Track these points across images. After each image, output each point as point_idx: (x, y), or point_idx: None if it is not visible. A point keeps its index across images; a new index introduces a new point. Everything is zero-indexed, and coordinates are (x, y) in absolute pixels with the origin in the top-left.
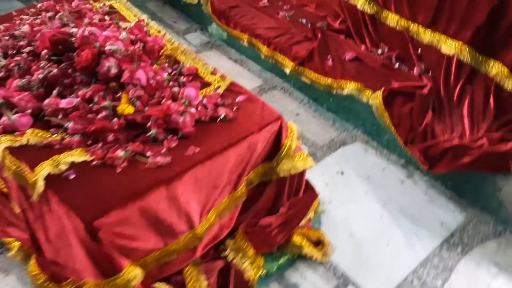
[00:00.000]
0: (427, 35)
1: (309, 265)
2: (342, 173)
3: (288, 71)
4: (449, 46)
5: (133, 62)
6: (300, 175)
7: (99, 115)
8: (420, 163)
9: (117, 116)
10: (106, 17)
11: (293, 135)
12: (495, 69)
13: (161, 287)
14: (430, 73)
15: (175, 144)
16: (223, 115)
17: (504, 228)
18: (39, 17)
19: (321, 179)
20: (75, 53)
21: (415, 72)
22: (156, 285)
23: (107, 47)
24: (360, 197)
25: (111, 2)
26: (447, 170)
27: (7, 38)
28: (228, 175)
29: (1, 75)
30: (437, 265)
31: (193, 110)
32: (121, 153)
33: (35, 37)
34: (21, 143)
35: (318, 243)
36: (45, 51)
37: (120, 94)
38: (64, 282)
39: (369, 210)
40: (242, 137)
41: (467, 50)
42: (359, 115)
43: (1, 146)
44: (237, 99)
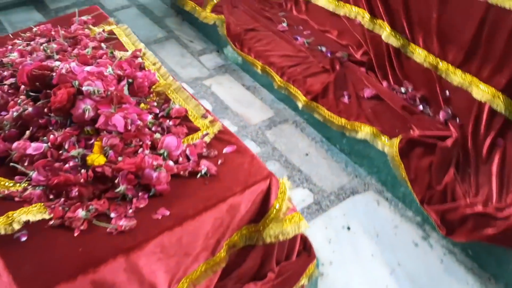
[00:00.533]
0: (457, 76)
1: None
2: (349, 228)
3: (300, 105)
4: (481, 91)
5: (111, 105)
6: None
7: (67, 165)
8: (437, 226)
9: (86, 167)
10: (102, 44)
11: (284, 196)
12: None
13: None
14: (457, 120)
15: (144, 204)
16: (204, 171)
17: None
18: (32, 43)
19: (323, 233)
20: (52, 91)
21: (440, 117)
22: None
23: (84, 87)
24: (366, 259)
25: (111, 27)
26: (467, 239)
27: None
28: (203, 240)
29: None
30: None
31: (171, 163)
32: (82, 213)
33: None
34: None
35: None
36: (23, 86)
37: (93, 141)
38: None
39: (374, 276)
40: (222, 198)
41: (501, 98)
42: (374, 161)
43: None
44: (224, 150)
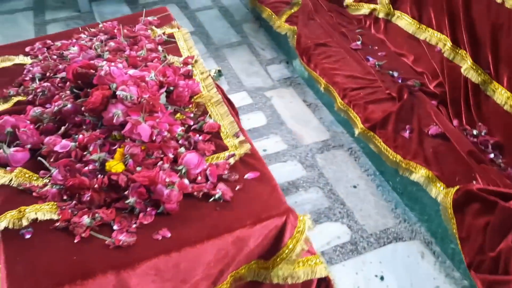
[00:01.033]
0: None
1: None
2: (382, 278)
3: (356, 132)
4: None
5: (141, 113)
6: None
7: (86, 168)
8: None
9: (104, 172)
10: (159, 47)
11: (300, 236)
12: None
13: None
14: None
15: (149, 221)
16: (218, 195)
17: None
18: (95, 38)
19: (352, 279)
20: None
21: None
22: None
23: (117, 92)
24: None
25: (173, 31)
26: None
27: (55, 57)
28: (204, 269)
29: (29, 98)
30: None
31: (186, 182)
32: (86, 220)
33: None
34: (3, 182)
35: None
36: (68, 82)
37: (116, 146)
38: None
39: None
40: (228, 229)
41: None
42: (426, 208)
43: None
44: (246, 175)
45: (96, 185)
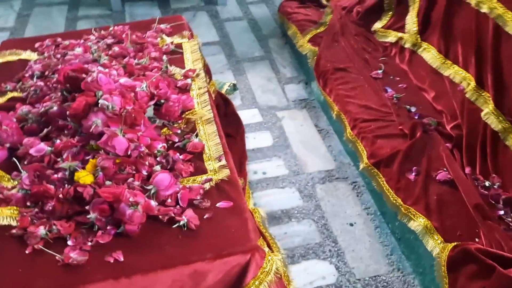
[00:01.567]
0: None
1: None
2: None
3: (361, 166)
4: None
5: (120, 125)
6: None
7: (56, 175)
8: None
9: (72, 182)
10: (164, 56)
11: (265, 277)
12: None
13: None
14: None
15: (106, 240)
16: (183, 222)
17: None
18: (102, 40)
19: None
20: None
21: None
22: None
23: (100, 101)
24: None
25: (182, 41)
26: None
27: (59, 56)
28: None
29: (24, 95)
30: None
31: (152, 203)
32: (42, 231)
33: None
34: None
35: None
36: (59, 85)
37: (90, 156)
38: None
39: None
40: (185, 261)
41: None
42: (421, 259)
43: None
44: (218, 204)
45: (61, 195)
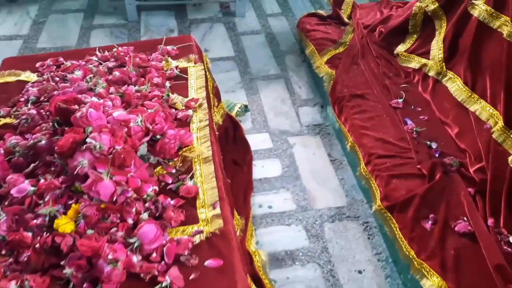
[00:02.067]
0: None
1: None
2: None
3: (373, 208)
4: None
5: (106, 167)
6: None
7: (35, 221)
8: None
9: (51, 230)
10: (167, 83)
11: None
12: None
13: None
14: None
15: None
16: (166, 283)
17: None
18: (104, 63)
19: None
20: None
21: None
22: None
23: (87, 139)
24: None
25: (188, 65)
26: None
27: (57, 79)
28: None
29: (15, 123)
30: None
31: (134, 260)
32: (13, 286)
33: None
34: None
35: None
36: (51, 115)
37: (73, 201)
38: None
39: None
40: None
41: None
42: None
43: None
44: (206, 262)
45: (38, 245)
